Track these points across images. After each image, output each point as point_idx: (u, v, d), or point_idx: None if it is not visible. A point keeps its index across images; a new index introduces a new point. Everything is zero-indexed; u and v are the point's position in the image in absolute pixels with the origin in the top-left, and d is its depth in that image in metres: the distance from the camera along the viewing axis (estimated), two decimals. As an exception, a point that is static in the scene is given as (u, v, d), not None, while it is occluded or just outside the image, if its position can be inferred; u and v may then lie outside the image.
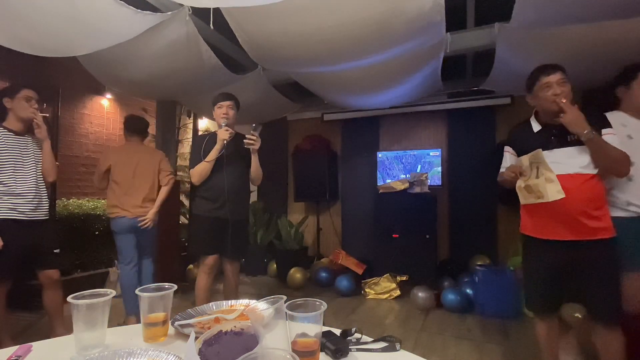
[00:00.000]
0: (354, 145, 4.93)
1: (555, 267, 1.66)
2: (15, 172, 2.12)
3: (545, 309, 1.76)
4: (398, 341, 0.88)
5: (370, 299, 3.57)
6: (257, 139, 2.24)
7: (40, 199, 2.23)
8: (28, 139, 2.25)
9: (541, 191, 1.58)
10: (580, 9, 2.05)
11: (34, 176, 2.20)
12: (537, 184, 1.60)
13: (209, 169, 2.28)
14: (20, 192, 2.11)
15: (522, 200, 1.71)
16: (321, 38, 2.36)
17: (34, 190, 2.17)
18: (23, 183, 2.13)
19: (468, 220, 4.23)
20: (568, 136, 1.60)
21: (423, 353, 0.97)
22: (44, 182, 2.28)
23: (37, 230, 2.17)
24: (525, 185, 1.66)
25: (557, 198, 1.53)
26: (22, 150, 2.18)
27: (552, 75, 1.64)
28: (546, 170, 1.57)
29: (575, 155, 1.59)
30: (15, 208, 2.08)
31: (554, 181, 1.55)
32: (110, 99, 4.86)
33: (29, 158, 2.20)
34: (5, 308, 2.15)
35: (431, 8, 2.06)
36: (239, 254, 2.45)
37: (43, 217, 2.24)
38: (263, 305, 0.91)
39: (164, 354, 0.74)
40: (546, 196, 1.56)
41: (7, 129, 2.16)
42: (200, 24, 2.81)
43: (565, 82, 1.63)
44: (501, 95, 4.00)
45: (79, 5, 1.88)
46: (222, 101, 2.33)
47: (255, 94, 3.68)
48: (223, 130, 2.25)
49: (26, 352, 0.82)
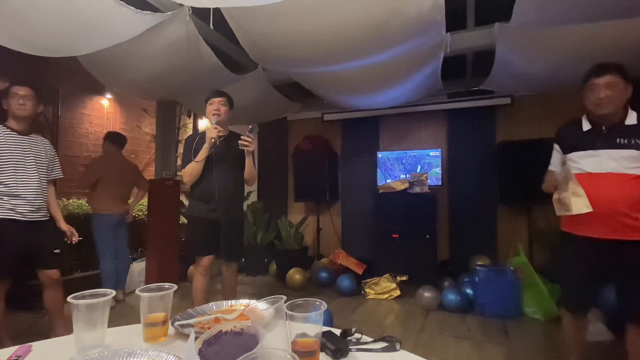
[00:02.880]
0: (354, 145, 4.93)
1: (594, 264, 1.66)
2: (16, 172, 2.10)
3: (580, 306, 1.75)
4: (398, 341, 0.88)
5: (370, 299, 3.57)
6: (252, 141, 2.19)
7: (43, 199, 2.21)
8: (32, 139, 2.22)
9: (567, 204, 1.63)
10: (580, 9, 2.05)
11: (37, 177, 2.17)
12: (566, 197, 1.65)
13: (199, 169, 2.25)
14: (20, 193, 2.09)
15: (557, 212, 1.74)
16: (321, 38, 2.36)
17: (36, 191, 2.15)
18: (24, 183, 2.11)
19: (468, 220, 4.23)
20: (617, 139, 1.60)
21: (423, 353, 0.97)
22: (47, 184, 2.27)
23: (37, 230, 2.15)
24: (558, 198, 1.72)
25: (582, 212, 1.57)
26: (24, 150, 2.15)
27: (601, 77, 1.63)
28: (574, 185, 1.62)
29: (622, 157, 1.59)
30: (14, 209, 2.07)
31: (581, 196, 1.59)
32: (110, 99, 4.86)
33: (30, 158, 2.17)
34: (5, 308, 2.14)
35: (431, 8, 2.05)
36: (234, 255, 2.42)
37: (44, 217, 2.23)
38: (263, 305, 0.90)
39: (164, 354, 0.74)
40: (571, 209, 1.60)
41: (9, 128, 2.14)
42: (200, 24, 2.81)
43: (614, 84, 1.61)
44: (501, 95, 4.01)
45: (79, 5, 1.88)
46: (214, 97, 2.30)
47: (255, 94, 3.69)
48: (212, 128, 2.20)
49: (26, 352, 0.82)
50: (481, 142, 4.24)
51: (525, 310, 3.05)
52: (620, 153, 1.59)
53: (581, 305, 1.76)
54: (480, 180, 4.18)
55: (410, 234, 3.86)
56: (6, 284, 2.11)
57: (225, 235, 2.30)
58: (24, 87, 2.15)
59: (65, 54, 2.39)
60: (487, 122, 4.24)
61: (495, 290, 3.05)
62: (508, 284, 3.04)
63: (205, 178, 2.28)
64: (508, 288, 3.04)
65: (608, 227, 1.59)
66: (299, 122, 5.21)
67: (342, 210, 4.97)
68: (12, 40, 2.15)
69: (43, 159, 2.24)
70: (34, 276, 2.23)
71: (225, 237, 2.31)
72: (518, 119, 4.10)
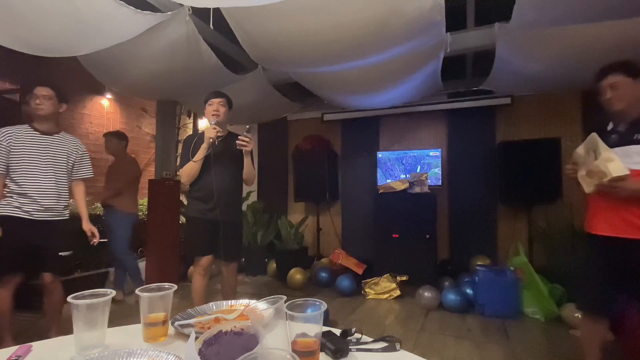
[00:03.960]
0: (354, 145, 4.93)
1: (615, 265, 1.63)
2: (28, 171, 2.09)
3: (600, 309, 1.71)
4: (398, 341, 0.87)
5: (370, 299, 3.57)
6: (250, 141, 2.19)
7: (56, 200, 2.18)
8: (55, 138, 2.21)
9: (603, 170, 1.53)
10: (580, 9, 2.05)
11: (51, 176, 2.15)
12: (597, 165, 1.56)
13: (197, 169, 2.25)
14: (28, 192, 2.08)
15: (587, 189, 1.65)
16: (321, 38, 2.36)
17: (46, 191, 2.13)
18: (34, 183, 2.09)
19: (468, 220, 4.23)
20: (635, 135, 1.58)
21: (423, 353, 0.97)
22: (67, 183, 2.25)
23: (44, 230, 2.13)
24: (587, 172, 1.61)
25: (620, 174, 1.49)
26: (41, 150, 2.14)
27: (604, 79, 1.65)
28: (604, 151, 1.54)
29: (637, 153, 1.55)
30: (21, 207, 2.07)
31: (614, 160, 1.51)
32: (110, 99, 4.86)
33: (47, 157, 2.15)
34: (11, 306, 2.12)
35: (431, 8, 2.06)
36: (233, 255, 2.42)
37: (55, 217, 2.19)
38: (263, 305, 0.90)
39: (164, 354, 0.74)
40: (608, 173, 1.51)
41: (32, 127, 2.16)
42: (200, 24, 2.81)
43: (618, 84, 1.61)
44: (501, 95, 4.01)
45: (79, 5, 1.88)
46: (213, 98, 2.30)
47: (255, 94, 3.69)
48: (210, 129, 2.20)
49: (26, 352, 0.82)
50: (481, 142, 4.24)
51: (525, 310, 3.05)
52: (635, 149, 1.56)
53: (601, 306, 1.70)
54: (480, 180, 4.18)
55: (410, 234, 3.86)
56: (14, 281, 2.09)
57: (224, 235, 2.30)
58: (44, 88, 2.17)
59: (65, 54, 2.39)
60: (487, 122, 4.24)
61: (495, 290, 3.04)
62: (508, 284, 3.04)
63: (204, 178, 2.28)
64: (508, 288, 3.03)
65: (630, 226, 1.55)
66: (299, 122, 5.21)
67: (342, 210, 4.97)
68: (12, 41, 2.16)
69: (62, 159, 2.22)
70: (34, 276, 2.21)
71: (224, 237, 2.31)
72: (518, 119, 4.10)
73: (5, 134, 2.08)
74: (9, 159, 2.07)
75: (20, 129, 2.13)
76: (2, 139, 2.06)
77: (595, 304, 1.71)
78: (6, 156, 2.07)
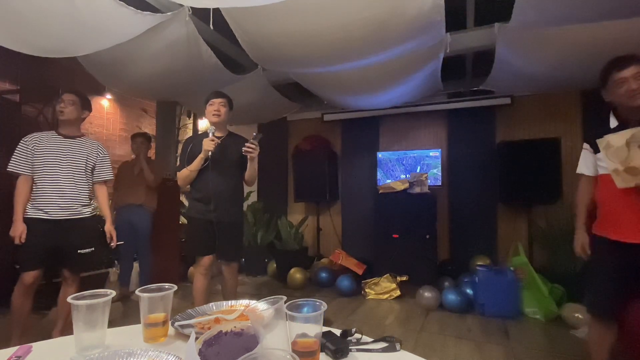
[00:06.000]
0: (354, 146, 4.93)
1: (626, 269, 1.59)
2: (48, 173, 2.15)
3: (609, 311, 1.67)
4: (398, 341, 0.88)
5: (371, 299, 3.57)
6: (256, 148, 2.18)
7: (76, 200, 2.22)
8: (76, 142, 2.27)
9: None
10: (580, 9, 2.05)
11: (70, 178, 2.20)
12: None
13: (192, 177, 2.27)
14: (46, 193, 2.14)
15: (621, 184, 1.53)
16: (321, 38, 2.36)
17: (65, 192, 2.17)
18: (52, 184, 2.16)
19: (468, 220, 4.23)
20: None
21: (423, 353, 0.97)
22: (87, 184, 2.29)
23: (64, 228, 2.17)
24: (627, 168, 1.49)
25: None
26: (61, 153, 2.20)
27: (626, 69, 1.55)
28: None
29: None
30: (41, 208, 2.13)
31: None
32: (110, 99, 4.86)
33: (67, 160, 2.21)
34: (31, 306, 2.16)
35: (431, 8, 2.06)
36: (233, 256, 2.42)
37: (75, 216, 2.22)
38: (263, 305, 0.90)
39: (164, 354, 0.74)
40: None
41: (57, 133, 2.24)
42: (200, 24, 2.81)
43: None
44: (501, 95, 4.01)
45: (79, 6, 1.88)
46: (214, 98, 2.29)
47: (255, 94, 3.69)
48: (208, 140, 2.18)
49: (26, 353, 0.82)
50: (481, 142, 4.24)
51: (525, 311, 3.05)
52: None
53: (610, 310, 1.66)
54: (480, 180, 4.18)
55: (410, 234, 3.86)
56: (35, 280, 2.13)
57: (224, 235, 2.31)
58: (69, 94, 2.26)
59: (65, 54, 2.39)
60: (487, 122, 4.24)
61: (495, 290, 3.04)
62: (508, 284, 3.04)
63: (204, 179, 2.28)
64: (508, 288, 3.03)
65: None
66: (299, 122, 5.21)
67: (342, 211, 4.97)
68: (12, 40, 2.16)
69: (81, 162, 2.26)
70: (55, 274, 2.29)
71: (224, 237, 2.31)
72: (518, 119, 4.11)
73: (31, 138, 2.18)
74: (33, 161, 2.16)
75: (46, 134, 2.23)
76: (28, 142, 2.16)
77: (609, 310, 1.66)
78: (31, 159, 2.15)
